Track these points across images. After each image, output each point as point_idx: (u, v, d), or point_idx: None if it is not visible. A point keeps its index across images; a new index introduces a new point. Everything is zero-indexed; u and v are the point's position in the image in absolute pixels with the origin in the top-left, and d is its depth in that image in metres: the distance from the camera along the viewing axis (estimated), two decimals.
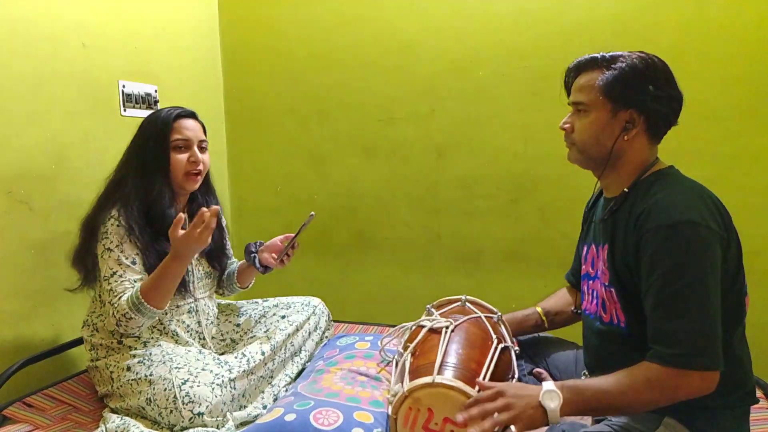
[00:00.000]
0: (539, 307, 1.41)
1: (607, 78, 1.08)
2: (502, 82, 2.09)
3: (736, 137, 1.87)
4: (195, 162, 1.45)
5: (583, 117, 1.12)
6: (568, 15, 1.99)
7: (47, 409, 1.37)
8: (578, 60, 1.15)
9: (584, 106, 1.11)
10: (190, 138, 1.45)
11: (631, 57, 1.09)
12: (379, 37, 2.22)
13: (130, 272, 1.35)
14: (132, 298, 1.30)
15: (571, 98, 1.16)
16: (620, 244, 1.07)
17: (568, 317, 1.39)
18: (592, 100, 1.10)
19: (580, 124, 1.13)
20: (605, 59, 1.10)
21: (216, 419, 1.25)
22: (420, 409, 1.08)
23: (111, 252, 1.35)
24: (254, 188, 2.51)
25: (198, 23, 2.31)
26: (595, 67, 1.11)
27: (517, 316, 1.41)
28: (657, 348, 0.97)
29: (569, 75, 1.17)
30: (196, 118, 1.50)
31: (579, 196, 1.43)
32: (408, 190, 2.28)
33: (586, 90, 1.11)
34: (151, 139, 1.43)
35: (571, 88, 1.17)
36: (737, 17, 1.83)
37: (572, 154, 1.18)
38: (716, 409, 1.03)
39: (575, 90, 1.14)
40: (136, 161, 1.43)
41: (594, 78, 1.10)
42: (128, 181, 1.42)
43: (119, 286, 1.33)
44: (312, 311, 1.69)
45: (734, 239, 1.03)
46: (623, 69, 1.07)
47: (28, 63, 1.58)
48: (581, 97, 1.12)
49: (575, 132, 1.14)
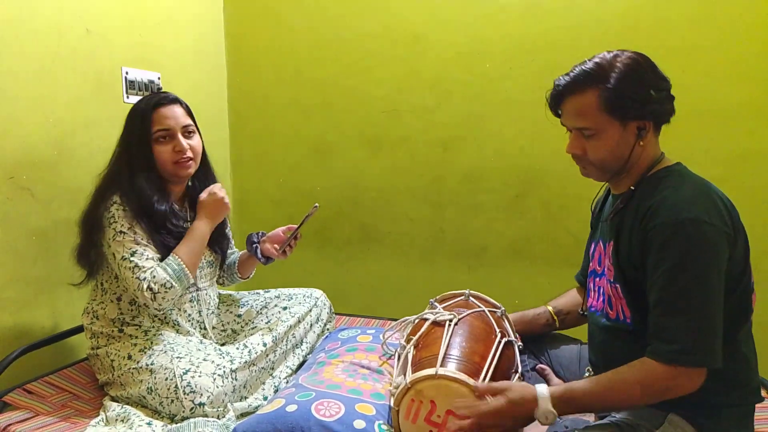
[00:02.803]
0: (550, 306, 1.40)
1: (608, 97, 1.03)
2: (509, 75, 2.08)
3: (745, 135, 1.86)
4: (180, 151, 1.41)
5: (594, 140, 1.07)
6: (577, 9, 1.97)
7: (47, 396, 1.37)
8: (562, 82, 1.08)
9: (591, 130, 1.06)
10: (172, 127, 1.41)
11: (619, 65, 1.04)
12: (385, 29, 2.20)
13: (150, 250, 1.35)
14: (172, 266, 1.33)
15: (571, 123, 1.10)
16: (626, 240, 1.07)
17: (578, 317, 1.38)
18: (599, 122, 1.05)
19: (593, 147, 1.08)
20: (593, 76, 1.04)
21: (217, 410, 1.25)
22: (422, 401, 1.07)
23: (125, 234, 1.33)
24: (257, 179, 2.50)
25: (202, 11, 2.29)
26: (585, 86, 1.05)
27: (527, 315, 1.40)
28: (655, 343, 0.98)
29: (556, 99, 1.10)
30: (178, 101, 1.45)
31: (584, 193, 1.42)
32: (412, 183, 2.26)
33: (589, 115, 1.05)
34: (133, 134, 1.41)
35: (561, 111, 1.11)
36: (746, 13, 1.81)
37: (590, 172, 1.13)
38: (721, 407, 1.03)
39: (573, 115, 1.08)
40: (125, 156, 1.42)
41: (591, 100, 1.04)
42: (121, 176, 1.40)
43: (145, 261, 1.32)
44: (314, 303, 1.68)
45: (741, 237, 1.03)
46: (619, 82, 1.02)
47: (32, 49, 1.57)
48: (585, 122, 1.06)
49: (589, 154, 1.09)
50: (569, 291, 1.43)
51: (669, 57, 1.06)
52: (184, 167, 1.43)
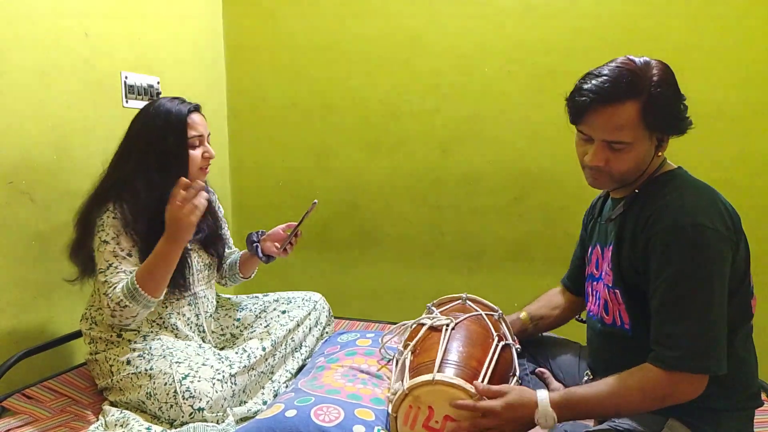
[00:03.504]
0: (524, 311, 1.39)
1: (652, 112, 0.98)
2: (507, 78, 2.08)
3: (744, 137, 1.85)
4: (209, 157, 1.46)
5: (623, 153, 1.01)
6: (576, 11, 1.97)
7: (46, 401, 1.37)
8: (594, 89, 0.99)
9: (624, 144, 1.00)
10: (203, 134, 1.46)
11: (654, 77, 0.98)
12: (384, 32, 2.21)
13: (126, 264, 1.34)
14: (128, 284, 1.29)
15: (602, 135, 1.01)
16: (628, 245, 1.06)
17: (553, 321, 1.38)
18: (636, 136, 0.99)
19: (619, 159, 1.02)
20: (632, 86, 0.98)
21: (216, 414, 1.25)
22: (420, 407, 1.07)
23: (107, 244, 1.34)
24: (256, 182, 2.50)
25: (202, 15, 2.30)
26: (624, 97, 0.98)
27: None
28: (658, 350, 0.97)
29: (583, 108, 1.01)
30: (201, 111, 1.50)
31: (583, 195, 1.42)
32: (411, 185, 2.26)
33: (629, 128, 0.98)
34: (170, 136, 1.39)
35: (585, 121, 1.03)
36: (746, 15, 1.81)
37: (601, 183, 1.09)
38: (720, 411, 1.03)
39: (608, 127, 1.00)
40: (152, 157, 1.38)
41: (630, 113, 0.98)
42: (137, 177, 1.37)
43: (114, 277, 1.32)
44: (313, 307, 1.68)
45: (743, 242, 1.03)
46: (662, 95, 0.98)
47: (31, 53, 1.57)
48: (622, 136, 0.99)
49: (612, 166, 1.03)
50: (545, 294, 1.43)
51: (667, 59, 1.04)
52: (205, 173, 1.49)
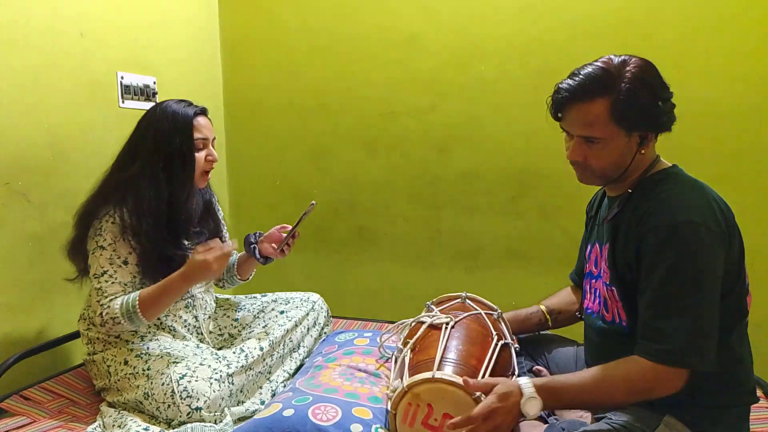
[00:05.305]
0: (543, 306, 1.40)
1: (618, 108, 1.00)
2: (504, 77, 2.08)
3: (740, 134, 1.86)
4: (213, 160, 1.46)
5: (598, 148, 1.05)
6: (571, 10, 1.97)
7: (44, 403, 1.37)
8: (568, 88, 1.04)
9: (597, 140, 1.04)
10: (208, 137, 1.45)
11: (628, 75, 1.01)
12: (380, 30, 2.21)
13: (122, 273, 1.33)
14: (128, 305, 1.29)
15: (576, 131, 1.06)
16: (622, 242, 1.07)
17: (571, 316, 1.38)
18: (606, 132, 1.02)
19: (595, 155, 1.06)
20: (603, 84, 1.01)
21: (214, 414, 1.25)
22: (419, 404, 1.07)
23: (103, 250, 1.33)
24: (253, 182, 2.50)
25: (198, 14, 2.29)
26: (594, 95, 1.01)
27: (520, 315, 1.40)
28: (646, 343, 0.98)
29: (560, 105, 1.06)
30: (207, 114, 1.49)
31: (580, 193, 1.42)
32: (408, 185, 2.26)
33: (596, 124, 1.02)
34: (177, 138, 1.38)
35: (563, 117, 1.07)
36: (742, 12, 1.81)
37: (587, 178, 1.12)
38: (717, 408, 1.04)
39: (579, 123, 1.05)
40: (159, 158, 1.37)
41: (600, 110, 1.01)
42: (142, 178, 1.35)
43: (110, 287, 1.31)
44: (311, 307, 1.68)
45: (737, 238, 1.03)
46: (630, 93, 1.00)
47: (26, 53, 1.56)
48: (591, 132, 1.03)
49: (590, 161, 1.07)
50: (562, 290, 1.43)
51: (663, 57, 1.06)
52: (206, 179, 1.48)
